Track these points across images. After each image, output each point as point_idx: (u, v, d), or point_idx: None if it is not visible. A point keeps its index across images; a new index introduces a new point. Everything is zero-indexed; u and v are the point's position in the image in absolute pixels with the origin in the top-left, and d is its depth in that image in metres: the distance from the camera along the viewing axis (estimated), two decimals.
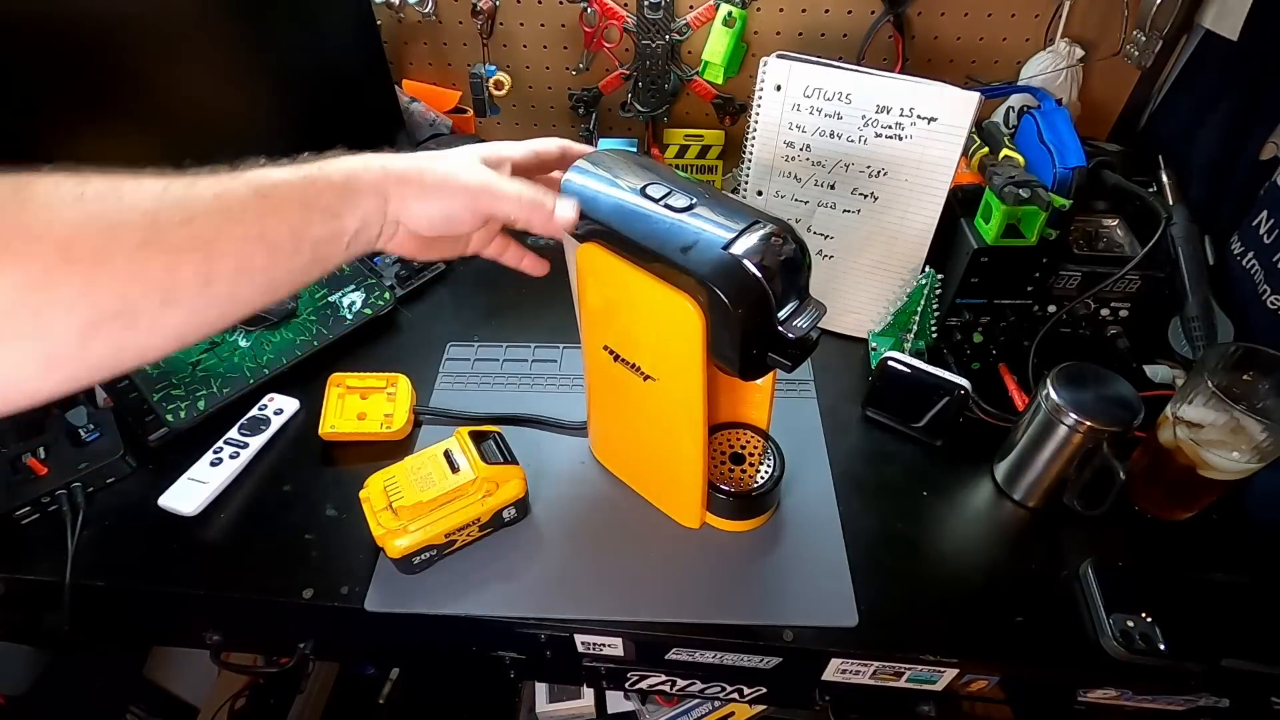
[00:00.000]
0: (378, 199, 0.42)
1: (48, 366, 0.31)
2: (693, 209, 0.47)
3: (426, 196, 0.44)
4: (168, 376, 0.73)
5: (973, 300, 0.76)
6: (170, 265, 0.33)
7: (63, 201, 0.31)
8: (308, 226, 0.39)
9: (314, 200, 0.39)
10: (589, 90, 1.00)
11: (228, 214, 0.35)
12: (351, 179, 0.41)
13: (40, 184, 0.31)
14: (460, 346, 0.83)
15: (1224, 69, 0.81)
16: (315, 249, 0.40)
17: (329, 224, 0.40)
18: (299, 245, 0.39)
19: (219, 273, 0.35)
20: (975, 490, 0.69)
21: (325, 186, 0.40)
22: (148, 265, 0.33)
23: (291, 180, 0.39)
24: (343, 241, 0.41)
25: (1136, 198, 0.77)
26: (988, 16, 0.90)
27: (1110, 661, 0.56)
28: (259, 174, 0.38)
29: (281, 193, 0.38)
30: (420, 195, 0.43)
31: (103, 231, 0.31)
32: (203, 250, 0.34)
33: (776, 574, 0.62)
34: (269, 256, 0.37)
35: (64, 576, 0.61)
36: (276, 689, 1.17)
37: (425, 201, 0.44)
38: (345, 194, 0.40)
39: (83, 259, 0.30)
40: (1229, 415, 0.58)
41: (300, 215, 0.38)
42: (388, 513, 0.59)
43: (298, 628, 0.67)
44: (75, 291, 0.30)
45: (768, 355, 0.48)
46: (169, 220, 0.33)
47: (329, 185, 0.40)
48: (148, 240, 0.32)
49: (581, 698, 1.08)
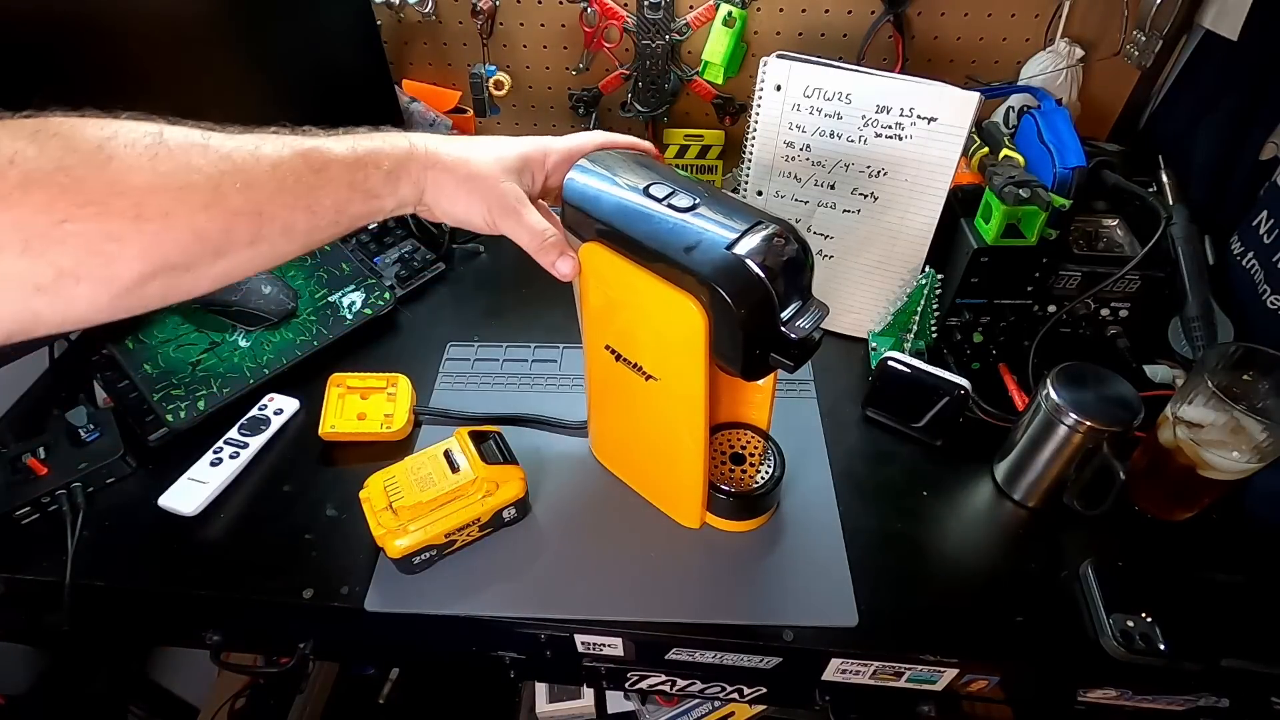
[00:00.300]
0: (415, 189, 0.46)
1: (111, 302, 0.36)
2: (696, 209, 0.47)
3: (457, 194, 0.47)
4: (168, 376, 0.73)
5: (973, 300, 0.76)
6: (227, 226, 0.38)
7: (139, 161, 0.35)
8: (350, 204, 0.43)
9: (361, 183, 0.43)
10: (589, 90, 1.00)
11: (281, 184, 0.40)
12: (397, 169, 0.45)
13: (120, 138, 0.35)
14: (460, 346, 0.83)
15: (1224, 69, 0.81)
16: (353, 220, 0.44)
17: (369, 203, 0.45)
18: (339, 217, 0.43)
19: (266, 234, 0.40)
20: (975, 490, 0.69)
21: (374, 172, 0.44)
22: (207, 226, 0.37)
23: (344, 160, 0.43)
24: (378, 216, 0.46)
25: (1136, 198, 0.77)
26: (988, 16, 0.90)
27: (1110, 661, 0.56)
28: (315, 148, 0.42)
29: (332, 172, 0.42)
30: (452, 193, 0.47)
31: (171, 194, 0.35)
32: (256, 215, 0.39)
33: (776, 574, 0.62)
34: (311, 222, 0.42)
35: (64, 576, 0.61)
36: (276, 689, 1.17)
37: (454, 200, 0.48)
38: (389, 180, 0.45)
39: (152, 219, 0.35)
40: (1229, 415, 0.58)
41: (346, 194, 0.43)
42: (388, 513, 0.59)
43: (298, 628, 0.67)
44: (142, 247, 0.35)
45: (770, 356, 0.48)
46: (231, 186, 0.37)
47: (377, 171, 0.44)
48: (210, 204, 0.37)
49: (581, 698, 1.08)
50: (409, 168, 0.45)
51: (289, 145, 0.40)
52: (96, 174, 0.33)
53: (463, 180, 0.47)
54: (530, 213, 0.49)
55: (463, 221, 0.49)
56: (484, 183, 0.48)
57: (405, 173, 0.45)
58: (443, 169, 0.47)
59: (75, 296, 0.34)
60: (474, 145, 0.49)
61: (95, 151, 0.33)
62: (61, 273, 0.33)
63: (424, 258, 0.92)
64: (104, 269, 0.34)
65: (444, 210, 0.48)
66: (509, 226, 0.49)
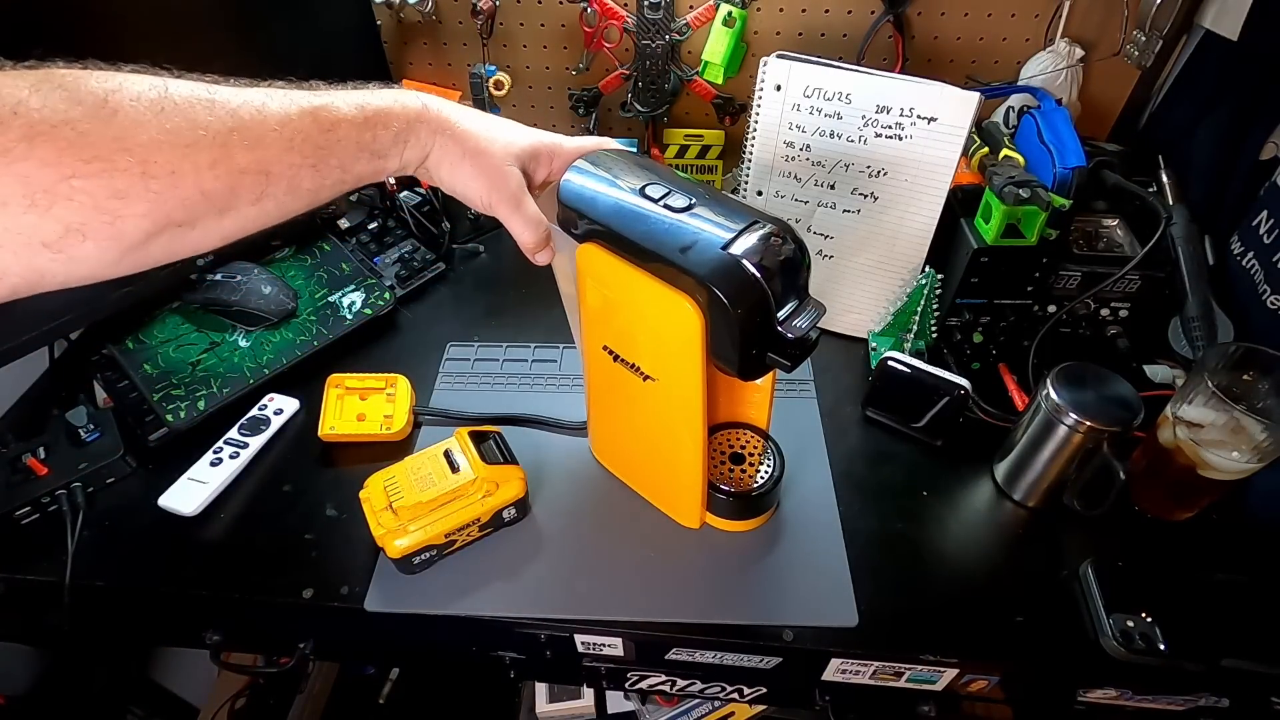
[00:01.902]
0: (421, 151, 0.46)
1: (118, 259, 0.36)
2: (692, 209, 0.47)
3: (459, 166, 0.47)
4: (168, 376, 0.73)
5: (973, 300, 0.76)
6: (233, 185, 0.37)
7: (145, 115, 0.34)
8: (356, 163, 0.43)
9: (369, 143, 0.43)
10: (589, 90, 1.00)
11: (289, 144, 0.39)
12: (405, 132, 0.45)
13: (125, 92, 0.34)
14: (460, 346, 0.83)
15: (1224, 69, 0.81)
16: (358, 179, 0.44)
17: (374, 163, 0.44)
18: (345, 175, 0.43)
19: (272, 192, 0.39)
20: (975, 490, 0.69)
21: (383, 133, 0.43)
22: (214, 184, 0.36)
23: (353, 120, 0.42)
24: (382, 175, 0.46)
25: (1136, 198, 0.77)
26: (988, 16, 0.90)
27: (1110, 661, 0.56)
28: (324, 106, 0.41)
29: (341, 132, 0.41)
30: (455, 163, 0.47)
31: (178, 151, 0.35)
32: (263, 173, 0.38)
33: (776, 574, 0.62)
34: (317, 180, 0.42)
35: (64, 576, 0.61)
36: (276, 689, 1.17)
37: (455, 172, 0.47)
38: (397, 141, 0.44)
39: (159, 176, 0.34)
40: (1229, 415, 0.58)
41: (353, 153, 0.43)
42: (388, 513, 0.59)
43: (298, 628, 0.67)
44: (149, 205, 0.34)
45: (767, 355, 0.48)
46: (238, 144, 0.37)
47: (386, 132, 0.44)
48: (216, 161, 0.36)
49: (581, 698, 1.08)
50: (418, 130, 0.45)
51: (296, 102, 0.40)
52: (101, 128, 0.32)
53: (469, 153, 0.47)
54: (529, 203, 0.49)
55: (459, 194, 0.49)
56: (490, 162, 0.48)
57: (414, 134, 0.45)
58: (452, 137, 0.46)
59: (82, 254, 0.34)
60: (488, 122, 0.49)
61: (100, 105, 0.33)
62: (68, 229, 0.33)
63: (424, 258, 0.92)
64: (110, 226, 0.34)
65: (443, 179, 0.48)
66: (505, 212, 0.49)
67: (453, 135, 0.46)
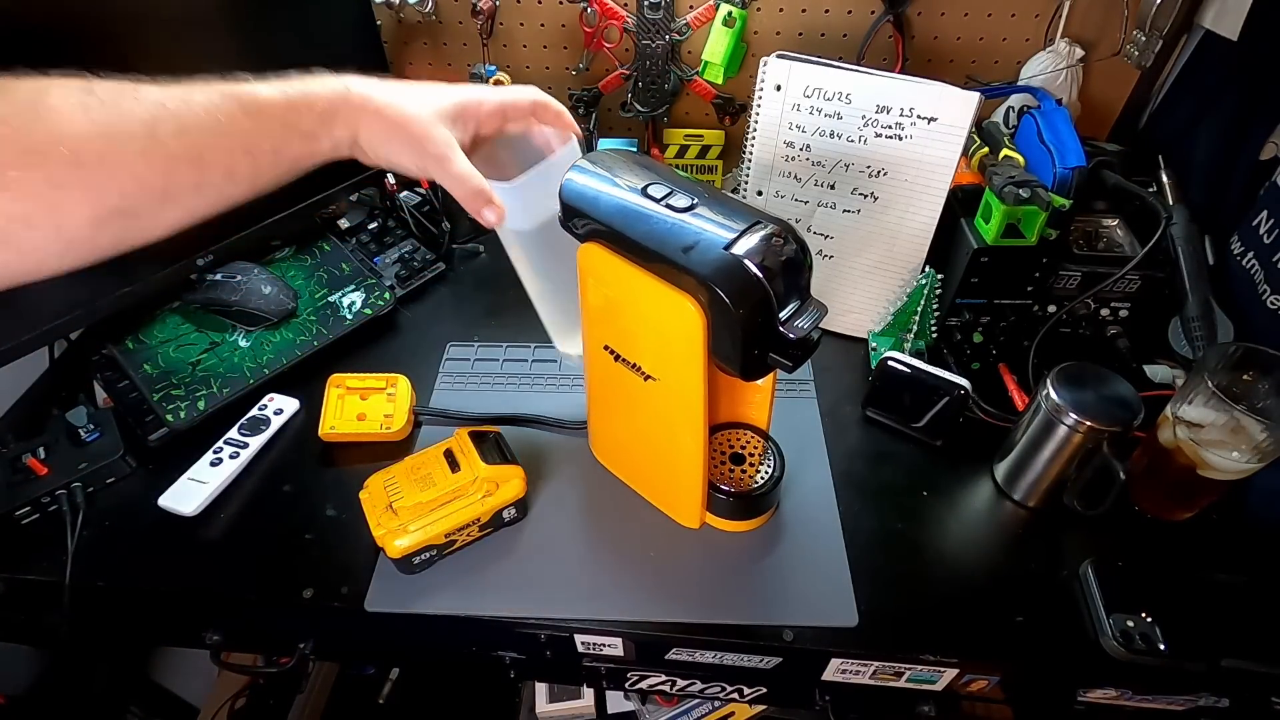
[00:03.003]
0: (349, 131, 0.47)
1: (64, 250, 0.38)
2: (694, 209, 0.47)
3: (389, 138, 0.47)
4: (168, 376, 0.73)
5: (973, 300, 0.76)
6: (167, 170, 0.39)
7: (74, 110, 0.36)
8: (287, 145, 0.44)
9: (295, 124, 0.44)
10: (589, 90, 1.00)
11: (218, 129, 0.40)
12: (330, 111, 0.45)
13: (54, 94, 0.36)
14: (460, 346, 0.83)
15: (1224, 69, 0.81)
16: (294, 162, 0.45)
17: (306, 144, 0.45)
18: (278, 159, 0.44)
19: (209, 178, 0.41)
20: (975, 490, 0.69)
21: (307, 113, 0.44)
22: (147, 172, 0.38)
23: (276, 102, 0.43)
24: (316, 159, 0.46)
25: (1136, 198, 0.77)
26: (988, 16, 0.90)
27: (1110, 661, 0.56)
28: (248, 92, 0.42)
29: (266, 114, 0.43)
30: (384, 137, 0.47)
31: (107, 141, 0.37)
32: (195, 159, 0.40)
33: (776, 574, 0.62)
34: (252, 166, 0.43)
35: (64, 576, 0.61)
36: (276, 689, 1.17)
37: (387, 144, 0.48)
38: (323, 122, 0.45)
39: (90, 165, 0.36)
40: (1229, 415, 0.58)
41: (281, 135, 0.44)
42: (388, 513, 0.59)
43: (298, 628, 0.67)
44: (85, 192, 0.36)
45: (769, 355, 0.48)
46: (165, 132, 0.38)
47: (310, 112, 0.45)
48: (147, 150, 0.38)
49: (581, 698, 1.08)
50: (342, 110, 0.46)
51: (219, 91, 0.41)
52: (34, 124, 0.35)
53: (394, 124, 0.47)
54: (459, 159, 0.49)
55: (396, 166, 0.49)
56: (415, 127, 0.48)
57: (339, 114, 0.46)
58: (375, 112, 0.47)
59: (29, 245, 0.36)
60: (409, 90, 0.49)
61: (31, 104, 0.35)
62: (11, 219, 0.35)
63: (424, 258, 0.92)
64: (52, 214, 0.36)
65: (377, 153, 0.48)
66: (437, 171, 0.49)
67: (375, 110, 0.47)
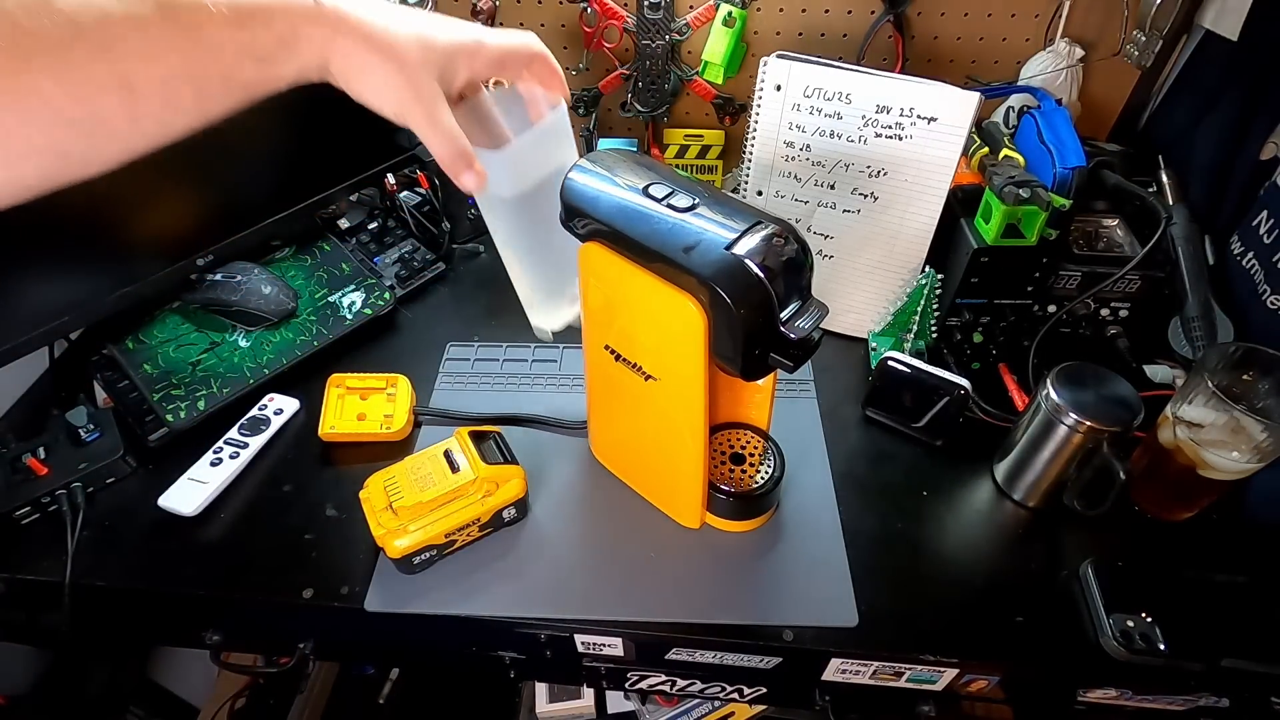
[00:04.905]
0: (319, 56, 0.40)
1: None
2: (695, 209, 0.47)
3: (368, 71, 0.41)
4: (168, 376, 0.73)
5: (973, 300, 0.76)
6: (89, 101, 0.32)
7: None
8: (240, 71, 0.37)
9: (247, 46, 0.37)
10: (589, 90, 1.00)
11: (148, 52, 0.33)
12: (291, 32, 0.38)
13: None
14: (460, 346, 0.83)
15: (1224, 69, 0.81)
16: (248, 88, 0.38)
17: (262, 70, 0.38)
18: (229, 86, 0.37)
19: (145, 110, 0.34)
20: (975, 490, 0.69)
21: (262, 32, 0.37)
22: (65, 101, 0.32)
23: (222, 18, 0.35)
24: (278, 84, 0.39)
25: (1136, 198, 0.77)
26: (988, 16, 0.90)
27: (1110, 661, 0.56)
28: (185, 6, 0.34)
29: (207, 32, 0.35)
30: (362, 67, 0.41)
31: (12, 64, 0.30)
32: (125, 88, 0.33)
33: (776, 574, 0.62)
34: (197, 94, 0.36)
35: (64, 576, 0.61)
36: (276, 689, 1.17)
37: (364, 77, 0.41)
38: (284, 44, 0.38)
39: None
40: (1229, 415, 0.58)
41: (231, 59, 0.36)
42: (388, 513, 0.59)
43: (298, 628, 0.67)
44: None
45: (769, 356, 0.48)
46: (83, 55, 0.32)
47: (267, 31, 0.37)
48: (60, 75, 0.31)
49: (581, 698, 1.08)
50: (309, 31, 0.38)
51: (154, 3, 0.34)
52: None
53: (380, 59, 0.41)
54: (446, 116, 0.44)
55: (369, 103, 0.43)
56: (403, 69, 0.41)
57: (304, 36, 0.38)
58: (355, 36, 0.40)
59: None
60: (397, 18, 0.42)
61: None
62: None
63: (424, 258, 0.92)
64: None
65: (350, 86, 0.42)
66: (421, 126, 0.43)
67: (356, 33, 0.40)
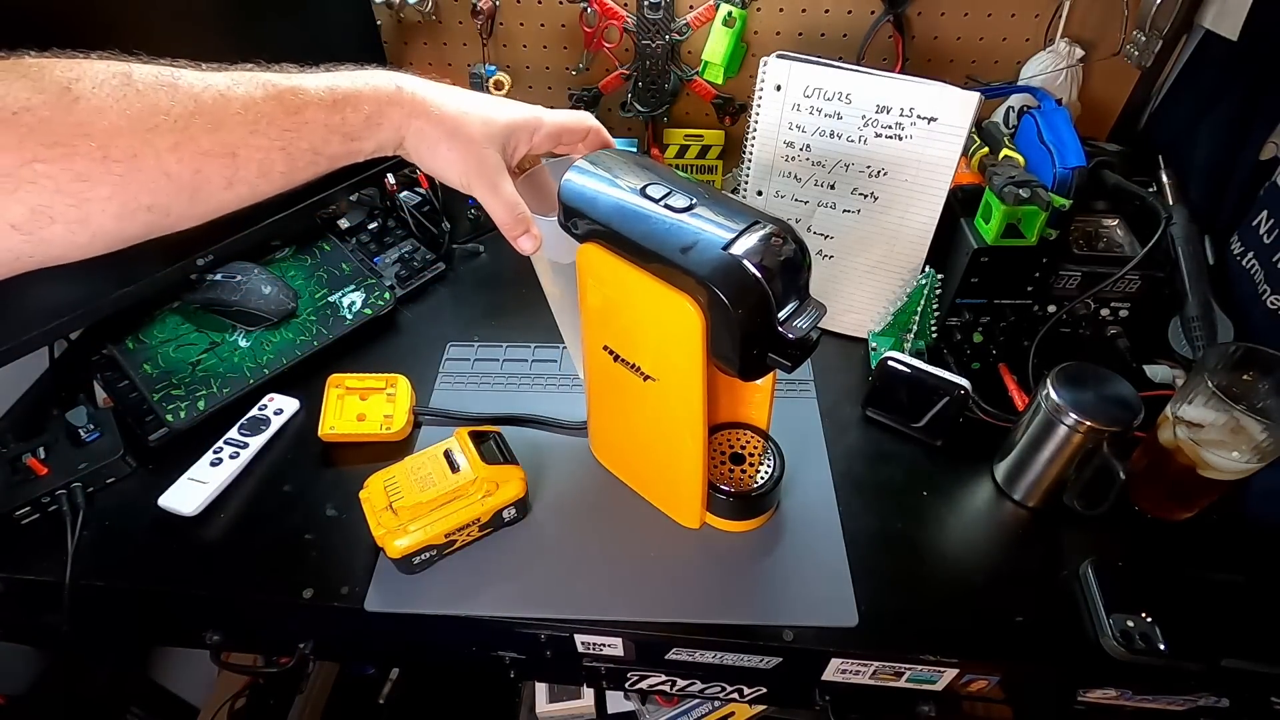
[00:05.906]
0: (396, 134, 0.46)
1: (89, 241, 0.37)
2: (693, 209, 0.47)
3: (438, 149, 0.47)
4: (168, 376, 0.73)
5: (973, 300, 0.76)
6: (197, 167, 0.38)
7: (106, 101, 0.35)
8: (327, 146, 0.43)
9: (339, 126, 0.43)
10: (589, 90, 1.00)
11: (254, 126, 0.39)
12: (377, 114, 0.44)
13: (87, 79, 0.34)
14: (460, 346, 0.83)
15: (1224, 69, 0.81)
16: (332, 161, 0.44)
17: (348, 145, 0.44)
18: (317, 159, 0.43)
19: (242, 175, 0.40)
20: (975, 490, 0.69)
21: (352, 115, 0.43)
22: (177, 168, 0.37)
23: (322, 102, 0.42)
24: (357, 158, 0.45)
25: (1136, 198, 0.77)
26: (988, 16, 0.90)
27: (1110, 661, 0.56)
28: (292, 88, 0.41)
29: (309, 114, 0.41)
30: (433, 146, 0.47)
31: (138, 136, 0.35)
32: (228, 156, 0.39)
33: (776, 574, 0.62)
34: (288, 164, 0.41)
35: (64, 576, 0.61)
36: (276, 689, 1.17)
37: (434, 154, 0.47)
38: (370, 124, 0.44)
39: (119, 160, 0.35)
40: (1229, 415, 0.58)
41: (322, 136, 0.42)
42: (388, 513, 0.59)
43: (298, 628, 0.67)
44: (112, 188, 0.35)
45: (768, 356, 0.48)
46: (200, 128, 0.37)
47: (356, 114, 0.43)
48: (178, 145, 0.37)
49: (581, 698, 1.08)
50: (391, 113, 0.45)
51: (262, 85, 0.40)
52: (63, 116, 0.33)
53: (447, 136, 0.47)
54: (507, 185, 0.49)
55: (438, 174, 0.49)
56: (469, 145, 0.47)
57: (387, 117, 0.45)
58: (429, 120, 0.46)
59: (51, 235, 0.35)
60: (465, 101, 0.49)
61: (62, 93, 0.34)
62: (34, 211, 0.34)
63: (424, 258, 0.92)
64: (76, 209, 0.35)
65: (422, 159, 0.48)
66: (483, 194, 0.49)
67: (429, 117, 0.46)
